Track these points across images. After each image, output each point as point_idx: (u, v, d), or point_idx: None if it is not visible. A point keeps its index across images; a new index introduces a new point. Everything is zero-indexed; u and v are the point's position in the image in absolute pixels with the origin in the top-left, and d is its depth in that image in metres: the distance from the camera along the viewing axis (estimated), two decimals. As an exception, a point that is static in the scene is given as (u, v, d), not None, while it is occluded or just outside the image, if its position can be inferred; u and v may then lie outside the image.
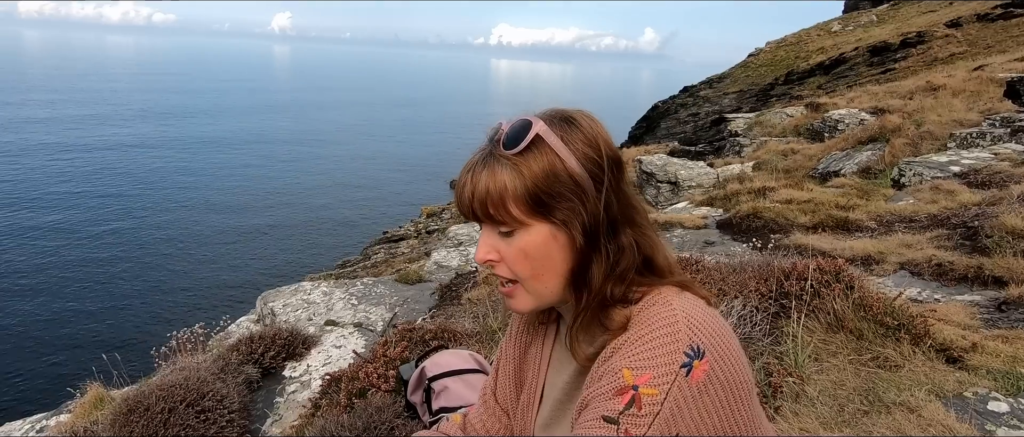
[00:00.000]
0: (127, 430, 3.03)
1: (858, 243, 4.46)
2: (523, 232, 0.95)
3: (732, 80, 35.87)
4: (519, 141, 0.95)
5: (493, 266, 1.00)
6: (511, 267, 0.98)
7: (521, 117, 0.98)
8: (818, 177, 8.40)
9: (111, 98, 74.85)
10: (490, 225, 0.98)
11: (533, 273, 0.97)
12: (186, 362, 3.86)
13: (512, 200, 0.93)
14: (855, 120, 11.20)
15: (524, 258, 0.96)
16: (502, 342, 1.31)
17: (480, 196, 0.94)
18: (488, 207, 0.94)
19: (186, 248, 23.94)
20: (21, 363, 14.65)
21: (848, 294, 2.65)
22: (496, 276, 1.01)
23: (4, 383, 13.76)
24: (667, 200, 11.07)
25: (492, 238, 0.98)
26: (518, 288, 1.00)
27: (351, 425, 2.38)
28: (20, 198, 28.27)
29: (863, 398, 2.21)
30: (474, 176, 0.96)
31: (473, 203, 0.95)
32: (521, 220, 0.94)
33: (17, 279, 19.36)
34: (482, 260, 0.99)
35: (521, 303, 1.01)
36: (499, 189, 0.93)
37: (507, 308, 1.07)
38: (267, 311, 5.75)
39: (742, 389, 0.93)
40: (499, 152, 0.95)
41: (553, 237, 0.96)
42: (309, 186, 35.73)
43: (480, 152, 0.99)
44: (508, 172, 0.93)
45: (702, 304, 0.97)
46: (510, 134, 0.96)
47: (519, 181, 0.93)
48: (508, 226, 0.95)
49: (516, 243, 0.96)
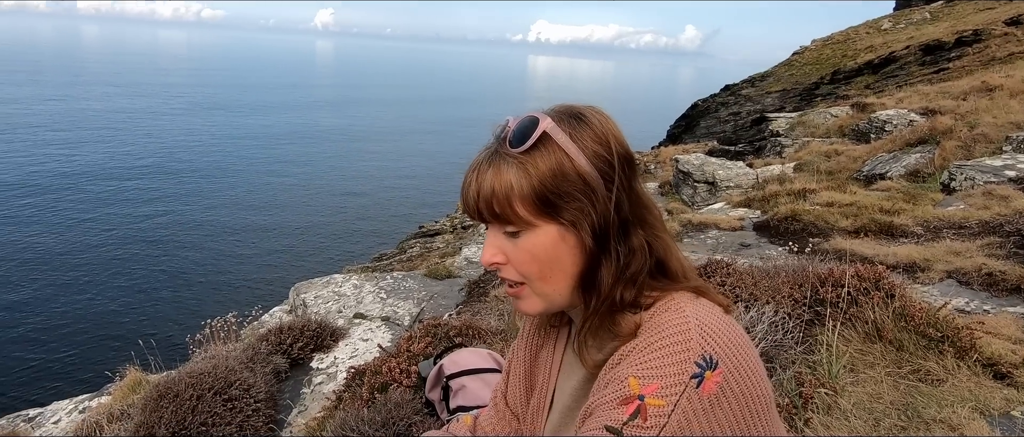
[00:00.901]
0: (157, 415, 3.09)
1: (902, 249, 4.27)
2: (530, 233, 0.91)
3: (775, 79, 35.00)
4: (525, 139, 0.91)
5: (499, 268, 0.96)
6: (518, 268, 0.94)
7: (529, 114, 0.95)
8: (862, 180, 8.11)
9: (162, 92, 77.46)
10: (496, 226, 0.94)
11: (541, 275, 0.94)
12: (216, 351, 3.93)
13: (518, 200, 0.89)
14: (904, 121, 10.78)
15: (531, 260, 0.93)
16: (514, 344, 1.28)
17: (486, 196, 0.91)
18: (494, 207, 0.90)
19: (227, 239, 24.59)
20: (69, 347, 15.28)
21: (888, 303, 2.53)
22: (503, 279, 0.98)
23: (54, 366, 14.38)
24: (703, 200, 10.86)
25: (498, 239, 0.95)
26: (526, 289, 0.96)
27: (370, 420, 2.37)
28: (72, 189, 29.46)
29: (901, 413, 2.10)
30: (479, 175, 0.92)
31: (478, 203, 0.92)
32: (528, 221, 0.90)
33: (66, 271, 20.17)
34: (488, 262, 0.95)
35: (530, 305, 0.98)
36: (505, 189, 0.89)
37: (516, 310, 1.02)
38: (299, 302, 5.84)
39: (759, 403, 0.87)
40: (505, 150, 0.92)
41: (561, 238, 0.92)
42: (348, 180, 36.33)
43: (486, 151, 0.95)
44: (514, 171, 0.89)
45: (718, 311, 0.92)
46: (516, 132, 0.93)
47: (525, 181, 0.89)
48: (515, 226, 0.91)
49: (523, 244, 0.92)
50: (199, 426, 3.05)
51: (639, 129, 66.09)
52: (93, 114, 52.08)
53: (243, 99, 76.64)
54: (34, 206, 26.06)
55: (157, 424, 3.05)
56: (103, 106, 57.74)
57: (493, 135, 0.98)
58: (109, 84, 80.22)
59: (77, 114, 51.15)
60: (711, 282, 2.71)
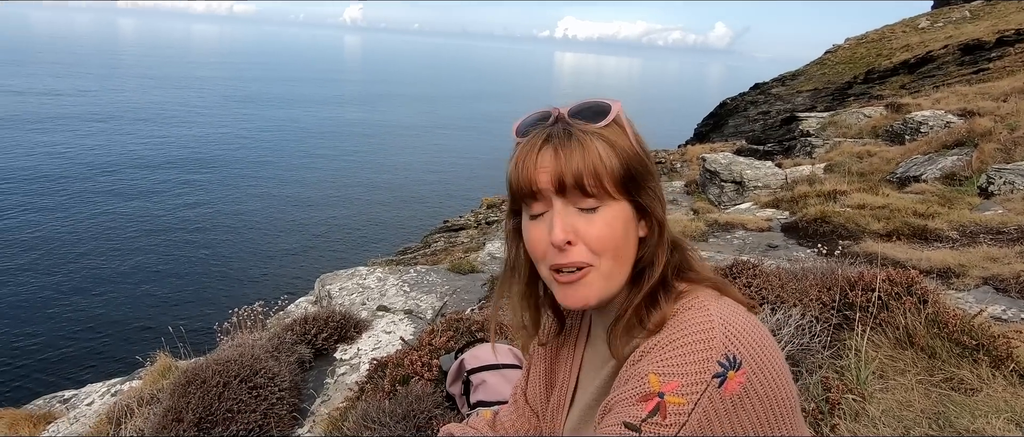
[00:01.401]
0: (185, 401, 3.16)
1: (936, 254, 4.16)
2: (610, 207, 0.90)
3: (806, 78, 34.35)
4: (604, 116, 0.91)
5: (567, 250, 0.90)
6: (592, 245, 0.89)
7: (591, 98, 0.95)
8: (896, 182, 7.92)
9: (195, 84, 78.98)
10: (567, 202, 0.89)
11: (615, 252, 0.91)
12: (243, 339, 4.00)
13: (606, 173, 0.88)
14: (940, 122, 10.49)
15: (609, 235, 0.89)
16: (534, 341, 1.27)
17: (574, 168, 0.87)
18: (583, 178, 0.87)
19: (255, 230, 25.01)
20: (103, 331, 15.72)
21: (920, 308, 2.46)
22: (563, 266, 0.91)
23: (89, 348, 14.81)
24: (730, 200, 10.72)
25: (570, 217, 0.89)
26: (591, 272, 0.91)
27: (391, 412, 2.39)
28: (108, 179, 30.22)
29: (932, 422, 2.04)
30: (561, 148, 0.88)
31: (564, 175, 0.87)
32: (611, 194, 0.89)
33: (99, 257, 20.73)
34: (562, 241, 0.88)
35: (587, 292, 0.92)
36: (594, 160, 0.87)
37: (566, 301, 0.94)
38: (324, 293, 5.90)
39: (783, 405, 0.85)
40: (581, 126, 0.90)
41: (632, 218, 0.92)
42: (374, 174, 36.67)
43: (546, 128, 0.92)
44: (601, 145, 0.88)
45: (742, 311, 0.90)
46: (591, 109, 0.93)
47: (614, 155, 0.89)
48: (597, 200, 0.89)
49: (602, 218, 0.89)
50: (225, 412, 3.10)
51: (666, 127, 65.49)
52: (129, 106, 53.35)
53: (272, 93, 77.80)
54: (72, 194, 26.82)
55: (184, 409, 3.11)
56: (139, 98, 59.13)
57: (531, 120, 0.96)
58: (144, 76, 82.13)
59: (113, 106, 52.47)
60: (737, 283, 2.67)
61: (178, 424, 3.02)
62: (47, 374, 13.37)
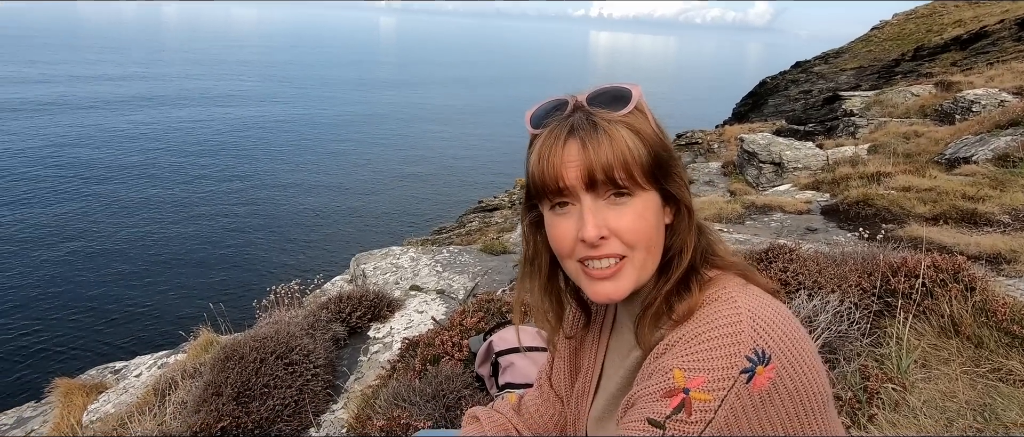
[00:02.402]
0: (223, 375, 3.25)
1: (986, 239, 3.99)
2: (640, 197, 0.86)
3: (851, 55, 33.14)
4: (626, 102, 0.88)
5: (599, 245, 0.87)
6: (625, 238, 0.86)
7: (609, 84, 0.92)
8: (944, 163, 7.61)
9: (234, 68, 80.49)
10: (596, 196, 0.86)
11: (648, 243, 0.88)
12: (280, 316, 4.09)
13: (636, 163, 0.85)
14: (993, 101, 10.02)
15: (643, 226, 0.87)
16: (559, 335, 1.25)
17: (604, 160, 0.83)
18: (614, 171, 0.84)
19: (295, 209, 25.53)
20: (151, 306, 16.33)
21: (967, 296, 2.36)
22: (598, 258, 0.88)
23: (138, 322, 15.43)
24: (769, 182, 10.48)
25: (600, 210, 0.86)
26: (625, 265, 0.88)
27: (421, 391, 2.42)
28: (154, 162, 31.19)
29: (977, 414, 1.97)
30: (588, 140, 0.84)
31: (594, 169, 0.84)
32: (641, 184, 0.86)
33: (145, 237, 21.48)
34: (595, 238, 0.85)
35: (623, 283, 0.88)
36: (623, 151, 0.84)
37: (597, 297, 0.90)
38: (359, 272, 5.99)
39: (815, 400, 0.82)
40: (604, 114, 0.87)
41: (660, 206, 0.89)
42: (411, 155, 37.00)
43: (567, 119, 0.88)
44: (627, 134, 0.85)
45: (770, 300, 0.86)
46: (612, 94, 0.89)
47: (642, 143, 0.86)
48: (628, 191, 0.85)
49: (633, 209, 0.86)
50: (262, 388, 3.19)
51: (703, 106, 64.11)
52: (172, 92, 54.70)
53: (309, 76, 78.82)
54: (118, 177, 27.78)
55: (223, 384, 3.21)
56: (182, 83, 60.56)
57: (545, 109, 0.92)
58: (187, 62, 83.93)
59: (158, 91, 53.92)
60: (773, 268, 2.61)
61: (218, 398, 3.11)
62: (102, 344, 14.02)
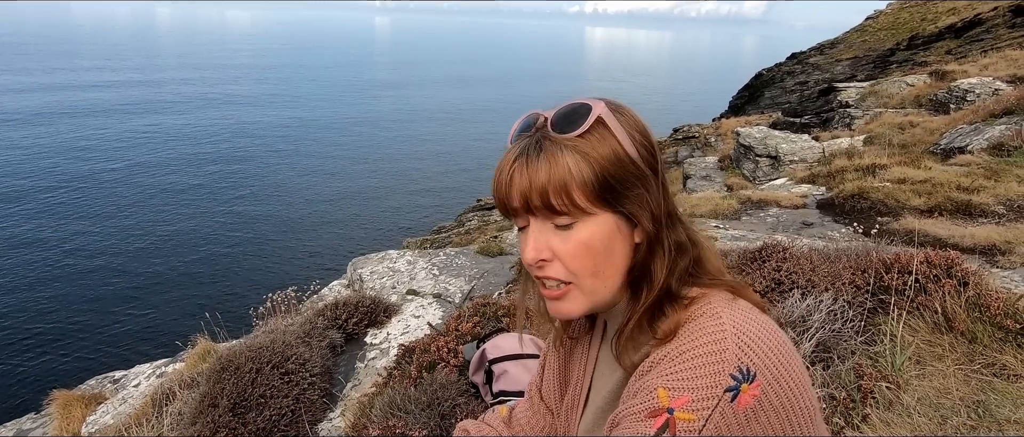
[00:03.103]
0: (219, 386, 3.24)
1: (981, 230, 3.99)
2: (586, 223, 0.85)
3: (846, 46, 33.13)
4: (578, 124, 0.86)
5: (543, 267, 0.88)
6: (568, 265, 0.87)
7: (574, 100, 0.90)
8: (939, 154, 7.61)
9: (230, 71, 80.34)
10: (542, 219, 0.86)
11: (594, 270, 0.87)
12: (275, 325, 4.08)
13: (578, 188, 0.83)
14: (988, 90, 10.01)
15: (586, 253, 0.86)
16: (549, 337, 1.25)
17: (540, 185, 0.83)
18: (549, 196, 0.83)
19: (293, 214, 25.52)
20: (150, 314, 16.31)
21: (961, 291, 2.36)
22: (544, 279, 0.89)
23: (137, 330, 15.42)
24: (765, 175, 10.48)
25: (544, 234, 0.87)
26: (572, 289, 0.89)
27: (416, 399, 2.41)
28: (149, 169, 31.13)
29: (971, 411, 1.96)
30: (529, 164, 0.85)
31: (530, 194, 0.84)
32: (585, 209, 0.84)
33: (142, 240, 21.45)
34: (534, 261, 0.87)
35: (573, 306, 0.90)
36: (562, 176, 0.83)
37: (552, 314, 0.93)
38: (356, 277, 5.98)
39: (802, 415, 0.82)
40: (554, 136, 0.86)
41: (617, 229, 0.87)
42: (410, 157, 37.04)
43: (526, 139, 0.88)
44: (571, 157, 0.83)
45: (756, 315, 0.86)
46: (566, 116, 0.87)
47: (586, 166, 0.83)
48: (570, 217, 0.85)
49: (577, 236, 0.85)
50: (258, 398, 3.18)
51: (699, 100, 64.03)
52: (167, 96, 54.62)
53: (304, 78, 78.73)
54: (116, 182, 27.72)
55: (220, 395, 3.20)
56: (176, 88, 60.47)
57: (522, 126, 0.92)
58: (183, 66, 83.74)
59: (152, 97, 53.82)
60: (766, 267, 2.60)
61: (214, 409, 3.10)
62: (102, 353, 14.01)
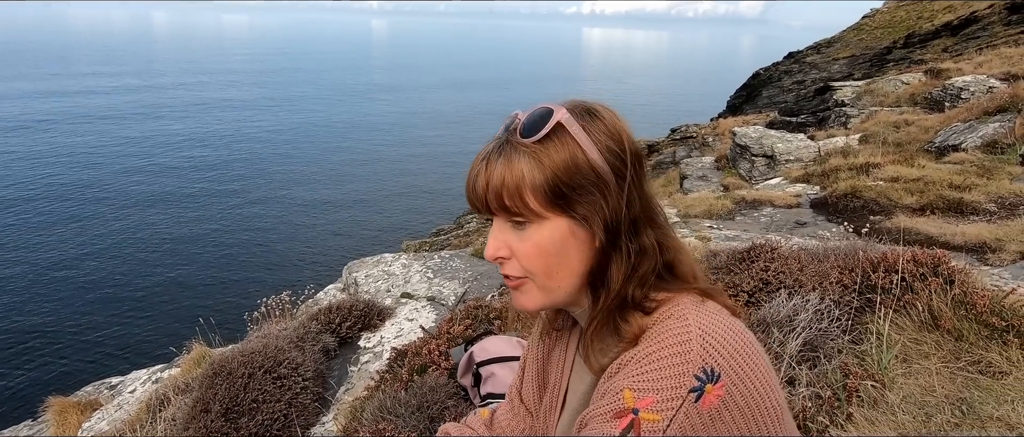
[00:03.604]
0: (212, 392, 3.25)
1: (972, 228, 4.00)
2: (538, 226, 0.89)
3: (843, 45, 33.20)
4: (538, 129, 0.88)
5: (502, 263, 0.93)
6: (523, 263, 0.91)
7: (542, 105, 0.92)
8: (934, 152, 7.63)
9: (226, 76, 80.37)
10: (502, 218, 0.91)
11: (546, 270, 0.90)
12: (268, 330, 4.08)
13: (530, 191, 0.86)
14: (982, 87, 10.04)
15: (538, 253, 0.89)
16: (529, 340, 1.26)
17: (495, 186, 0.88)
18: (504, 198, 0.87)
19: (291, 219, 25.52)
20: (147, 319, 16.31)
21: (947, 289, 2.37)
22: (505, 274, 0.95)
23: (134, 336, 15.41)
24: (762, 175, 10.49)
25: (504, 232, 0.91)
26: (527, 283, 0.93)
27: (406, 403, 2.42)
28: (144, 175, 31.13)
29: (955, 409, 1.97)
30: (489, 165, 0.89)
31: (487, 194, 0.89)
32: (538, 213, 0.88)
33: (141, 249, 21.45)
34: (492, 256, 0.92)
35: (530, 299, 0.94)
36: (516, 179, 0.87)
37: (515, 304, 0.98)
38: (351, 280, 5.99)
39: (768, 415, 0.83)
40: (516, 140, 0.89)
41: (571, 233, 0.89)
42: (409, 159, 37.07)
43: (495, 141, 0.92)
44: (526, 161, 0.87)
45: (724, 317, 0.87)
46: (529, 122, 0.90)
47: (538, 171, 0.86)
48: (523, 218, 0.89)
49: (531, 237, 0.89)
50: (250, 403, 3.19)
51: (697, 100, 64.01)
52: (164, 102, 54.62)
53: (301, 83, 78.74)
54: (113, 187, 27.72)
55: (212, 400, 3.20)
56: (174, 93, 60.49)
57: (503, 126, 0.95)
58: (181, 71, 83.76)
59: (150, 102, 53.85)
60: (753, 267, 2.61)
61: (206, 414, 3.11)
62: (99, 358, 14.01)
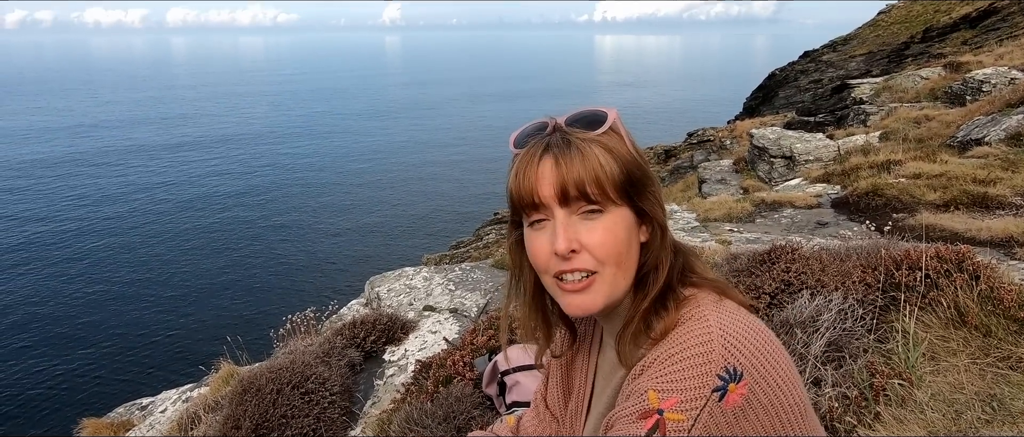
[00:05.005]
0: (242, 409, 3.31)
1: (998, 223, 3.94)
2: (612, 214, 0.89)
3: (859, 42, 32.84)
4: (601, 123, 0.92)
5: (571, 258, 0.90)
6: (595, 252, 0.89)
7: (585, 107, 0.96)
8: (956, 146, 7.51)
9: (249, 102, 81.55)
10: (569, 210, 0.89)
11: (618, 259, 0.90)
12: (295, 346, 4.14)
13: (608, 180, 0.88)
14: (1004, 80, 9.87)
15: (613, 241, 0.89)
16: (547, 354, 1.28)
17: (576, 176, 0.87)
18: (585, 186, 0.87)
19: (313, 237, 25.79)
20: (175, 340, 16.57)
21: (972, 285, 2.34)
22: (569, 272, 0.91)
23: (163, 357, 15.66)
24: (781, 176, 10.40)
25: (572, 225, 0.89)
26: (595, 280, 0.91)
27: (432, 414, 2.44)
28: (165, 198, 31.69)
29: (985, 404, 1.95)
30: (561, 157, 0.89)
31: (566, 185, 0.87)
32: (614, 200, 0.89)
33: (163, 269, 21.80)
34: (566, 249, 0.88)
35: (594, 298, 0.91)
36: (594, 168, 0.87)
37: (569, 312, 0.95)
38: (374, 295, 6.04)
39: (791, 412, 0.84)
40: (581, 134, 0.91)
41: (635, 224, 0.92)
42: (428, 175, 37.28)
43: (542, 138, 0.92)
44: (600, 151, 0.89)
45: (743, 316, 0.89)
46: (586, 117, 0.93)
47: (614, 161, 0.89)
48: (599, 206, 0.89)
49: (604, 224, 0.89)
50: (280, 419, 3.24)
51: (713, 103, 63.54)
52: (187, 128, 55.56)
53: (320, 102, 79.64)
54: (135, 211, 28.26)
55: (242, 416, 3.26)
56: (195, 119, 61.44)
57: (537, 128, 0.96)
58: (200, 98, 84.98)
59: (172, 125, 54.88)
60: (774, 269, 2.60)
61: (237, 431, 3.16)
62: (130, 380, 14.24)
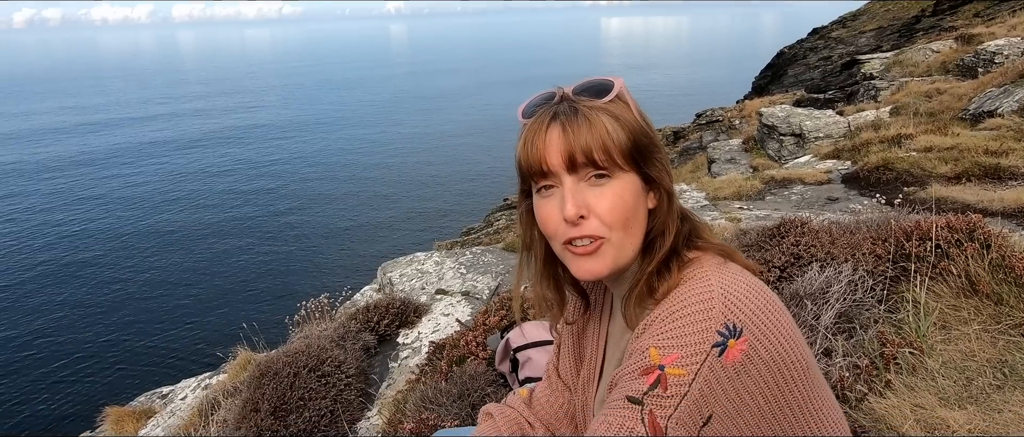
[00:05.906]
0: (260, 392, 3.37)
1: (1010, 193, 3.92)
2: (619, 179, 0.91)
3: (869, 16, 32.37)
4: (607, 91, 0.94)
5: (580, 224, 0.92)
6: (603, 218, 0.91)
7: (591, 77, 0.98)
8: (969, 119, 7.44)
9: (258, 96, 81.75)
10: (577, 177, 0.91)
11: (625, 224, 0.92)
12: (310, 331, 4.21)
13: (615, 146, 0.90)
14: (1016, 51, 9.74)
15: (620, 206, 0.91)
16: (561, 321, 1.30)
17: (583, 143, 0.89)
18: (593, 152, 0.89)
19: (325, 224, 25.97)
20: (194, 329, 16.81)
21: (983, 254, 2.34)
22: (577, 238, 0.93)
23: (183, 346, 15.91)
24: (791, 154, 10.34)
25: (581, 192, 0.91)
26: (603, 245, 0.92)
27: (447, 392, 2.49)
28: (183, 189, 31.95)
29: (997, 371, 1.96)
30: (568, 125, 0.90)
31: (574, 151, 0.89)
32: (621, 166, 0.91)
33: (181, 260, 22.05)
34: (575, 215, 0.90)
35: (601, 263, 0.93)
36: (602, 134, 0.89)
37: (578, 276, 0.97)
38: (386, 280, 6.10)
39: (794, 368, 0.86)
40: (587, 102, 0.93)
41: (643, 190, 0.94)
42: (438, 163, 37.29)
43: (549, 108, 0.94)
44: (607, 118, 0.91)
45: (745, 277, 0.91)
46: (593, 86, 0.95)
47: (621, 128, 0.91)
48: (607, 172, 0.90)
49: (612, 189, 0.91)
50: (297, 401, 3.30)
51: (722, 83, 62.95)
52: (198, 123, 55.77)
53: (328, 92, 79.62)
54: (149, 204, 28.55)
55: (261, 399, 3.33)
56: (206, 114, 61.57)
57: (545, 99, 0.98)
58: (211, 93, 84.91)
59: (180, 120, 55.18)
60: (784, 242, 2.61)
61: (256, 414, 3.23)
62: (151, 370, 14.49)
